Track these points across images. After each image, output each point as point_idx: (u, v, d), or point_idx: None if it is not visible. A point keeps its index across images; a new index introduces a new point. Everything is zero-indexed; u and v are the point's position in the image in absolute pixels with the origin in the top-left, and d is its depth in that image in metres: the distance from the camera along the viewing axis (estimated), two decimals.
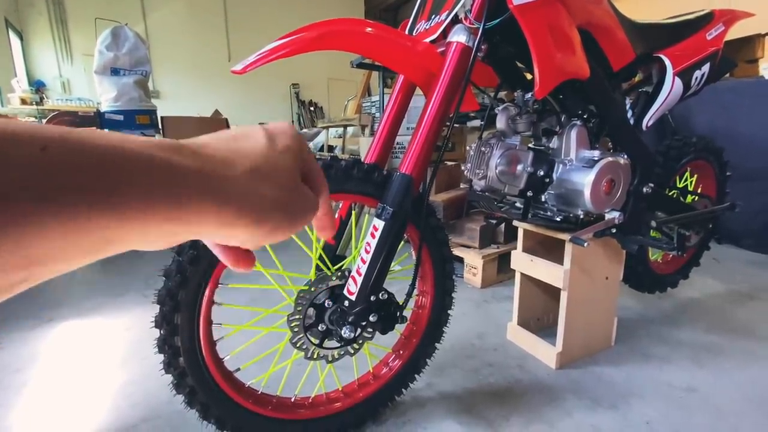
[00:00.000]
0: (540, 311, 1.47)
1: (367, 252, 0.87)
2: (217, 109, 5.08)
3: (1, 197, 0.15)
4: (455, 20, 0.92)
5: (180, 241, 0.21)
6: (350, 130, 4.35)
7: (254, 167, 0.23)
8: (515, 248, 1.37)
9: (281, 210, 0.24)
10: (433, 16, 0.98)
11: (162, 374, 0.85)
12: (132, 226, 0.18)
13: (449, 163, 2.56)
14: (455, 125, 2.70)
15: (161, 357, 0.83)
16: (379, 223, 0.86)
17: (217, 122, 4.28)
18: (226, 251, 0.27)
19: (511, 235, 1.97)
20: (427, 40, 0.95)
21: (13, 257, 0.16)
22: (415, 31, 1.04)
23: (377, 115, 3.38)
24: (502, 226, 1.97)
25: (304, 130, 6.80)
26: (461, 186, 2.32)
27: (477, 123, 2.72)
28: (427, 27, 0.99)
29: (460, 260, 1.96)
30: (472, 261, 1.91)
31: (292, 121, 8.97)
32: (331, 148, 4.76)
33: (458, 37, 0.88)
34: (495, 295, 1.82)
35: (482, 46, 0.92)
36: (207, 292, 0.84)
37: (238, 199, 0.22)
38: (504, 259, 1.87)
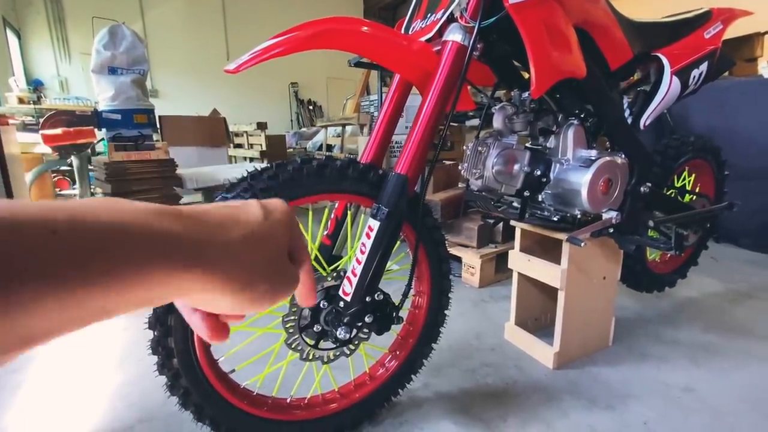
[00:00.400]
0: (538, 311, 1.47)
1: (363, 252, 0.87)
2: (215, 108, 5.07)
3: (11, 278, 0.15)
4: (451, 19, 0.92)
5: (166, 302, 0.22)
6: (349, 129, 4.34)
7: (248, 234, 0.25)
8: (513, 248, 1.37)
9: (267, 280, 0.25)
10: (429, 15, 0.97)
11: (157, 375, 0.84)
12: (127, 295, 0.19)
13: (447, 162, 2.56)
14: (453, 124, 2.69)
15: (156, 358, 0.83)
16: (375, 224, 0.86)
17: (216, 121, 4.27)
18: (203, 321, 0.28)
19: (508, 234, 1.96)
20: (423, 39, 0.95)
21: (8, 336, 0.16)
22: (410, 30, 1.04)
23: (376, 114, 3.37)
24: (500, 225, 1.97)
25: (303, 129, 6.79)
26: (459, 185, 2.32)
27: (476, 122, 2.71)
28: (423, 26, 0.98)
29: (458, 260, 1.96)
30: (470, 260, 1.91)
31: (291, 120, 8.97)
32: (329, 147, 4.75)
33: (454, 35, 0.87)
34: (493, 295, 1.82)
35: (478, 45, 0.92)
36: None
37: (229, 264, 0.23)
38: (502, 259, 1.86)
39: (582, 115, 1.11)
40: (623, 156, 1.13)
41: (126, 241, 0.19)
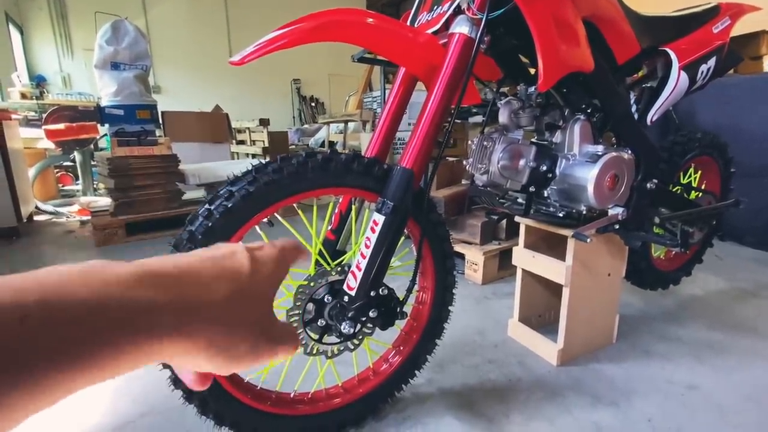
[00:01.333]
0: (541, 308, 1.46)
1: (367, 247, 0.86)
2: (217, 104, 5.07)
3: None
4: (458, 11, 0.91)
5: (139, 368, 0.22)
6: (351, 125, 4.32)
7: (233, 292, 0.24)
8: (517, 244, 1.36)
9: (248, 341, 0.24)
10: (435, 7, 0.96)
11: (161, 369, 0.84)
12: (99, 374, 0.18)
13: (451, 159, 2.55)
14: (457, 121, 2.69)
15: None
16: (379, 218, 0.85)
17: (218, 117, 4.27)
18: (185, 373, 0.27)
19: (512, 231, 1.96)
20: (429, 31, 0.94)
21: None
22: (416, 23, 1.03)
23: (378, 110, 3.36)
24: (504, 222, 1.96)
25: (305, 126, 6.78)
26: (463, 182, 2.31)
27: (479, 119, 2.70)
28: (429, 18, 0.97)
29: (461, 256, 1.95)
30: (473, 257, 1.90)
31: (293, 117, 8.96)
32: (332, 144, 4.75)
33: (461, 28, 0.86)
34: (496, 292, 1.81)
35: (485, 38, 0.91)
36: None
37: (213, 327, 0.22)
38: (505, 256, 1.86)
39: (589, 110, 1.10)
40: (630, 152, 1.12)
41: (103, 320, 0.18)
